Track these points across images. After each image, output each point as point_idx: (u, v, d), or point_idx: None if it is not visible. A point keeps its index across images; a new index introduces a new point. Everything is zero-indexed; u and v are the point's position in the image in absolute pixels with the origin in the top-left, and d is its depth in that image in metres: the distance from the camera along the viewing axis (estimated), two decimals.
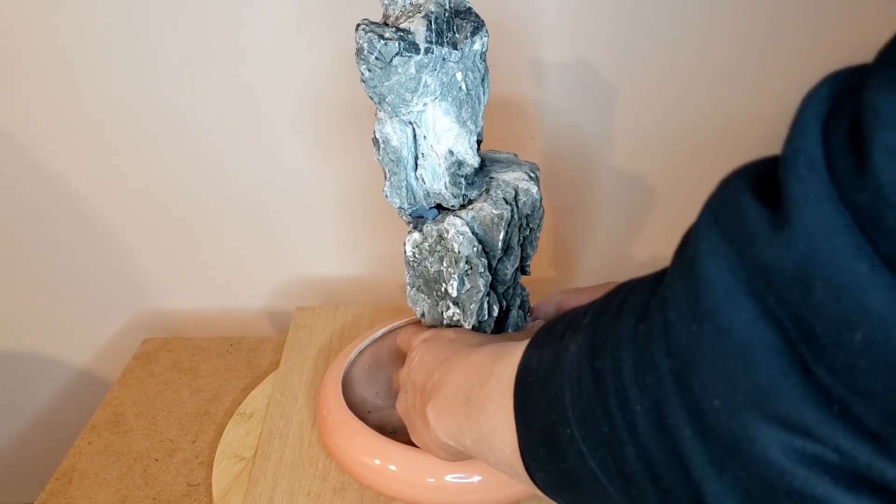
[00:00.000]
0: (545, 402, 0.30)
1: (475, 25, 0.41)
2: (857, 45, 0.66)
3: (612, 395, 0.26)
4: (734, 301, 0.22)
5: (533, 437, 0.32)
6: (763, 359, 0.21)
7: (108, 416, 0.65)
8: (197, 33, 0.66)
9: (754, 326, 0.21)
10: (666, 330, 0.24)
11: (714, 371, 0.22)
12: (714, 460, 0.23)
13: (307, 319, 0.72)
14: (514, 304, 0.50)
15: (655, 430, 0.25)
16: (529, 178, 0.47)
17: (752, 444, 0.22)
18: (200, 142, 0.72)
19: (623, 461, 0.26)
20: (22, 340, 0.86)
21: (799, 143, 0.20)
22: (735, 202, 0.22)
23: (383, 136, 0.43)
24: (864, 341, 0.18)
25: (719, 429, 0.23)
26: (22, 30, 0.66)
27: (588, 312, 0.31)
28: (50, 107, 0.70)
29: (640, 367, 0.25)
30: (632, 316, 0.27)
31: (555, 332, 0.33)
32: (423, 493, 0.48)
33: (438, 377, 0.40)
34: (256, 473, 0.53)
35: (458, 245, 0.44)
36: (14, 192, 0.75)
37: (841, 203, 0.19)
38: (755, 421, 0.21)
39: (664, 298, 0.25)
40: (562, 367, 0.30)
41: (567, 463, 0.29)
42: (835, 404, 0.20)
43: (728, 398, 0.22)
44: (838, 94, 0.21)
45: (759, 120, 0.71)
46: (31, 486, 0.90)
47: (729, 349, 0.22)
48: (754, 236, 0.21)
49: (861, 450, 0.20)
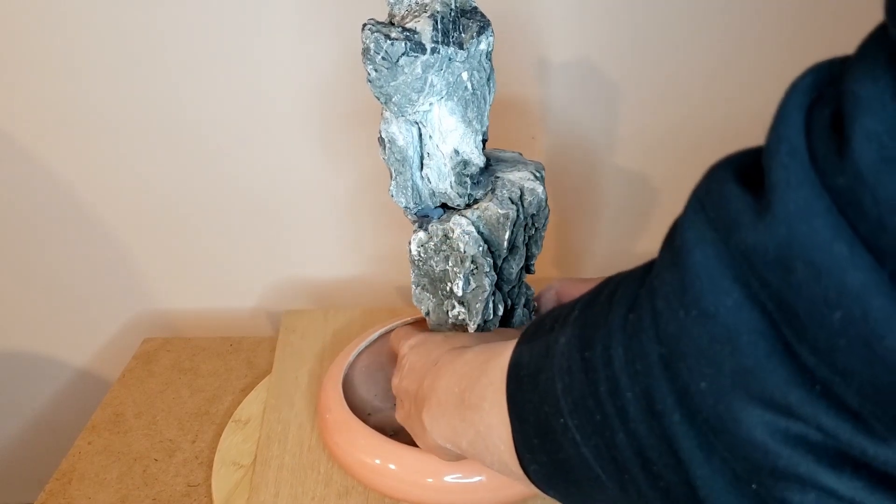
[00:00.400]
0: (537, 395, 0.31)
1: (481, 25, 0.41)
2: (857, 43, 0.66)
3: (603, 384, 0.27)
4: (720, 287, 0.22)
5: (527, 429, 0.32)
6: (748, 342, 0.22)
7: (108, 416, 0.65)
8: (197, 32, 0.66)
9: (740, 311, 0.22)
10: (655, 318, 0.25)
11: (701, 356, 0.23)
12: (702, 444, 0.24)
13: (297, 322, 0.71)
14: (518, 304, 0.50)
15: (645, 416, 0.25)
16: (535, 178, 0.47)
17: (737, 425, 0.22)
18: (201, 142, 0.72)
19: (615, 448, 0.27)
20: (22, 340, 0.86)
21: (782, 131, 0.21)
22: (720, 190, 0.23)
23: (389, 136, 0.43)
24: (843, 320, 0.19)
25: (706, 412, 0.23)
26: (22, 29, 0.65)
27: (576, 306, 0.31)
28: (50, 106, 0.70)
29: (630, 356, 0.26)
30: (622, 306, 0.27)
31: (543, 327, 0.33)
32: (425, 493, 0.48)
33: (429, 382, 0.40)
34: (257, 480, 0.53)
35: (463, 244, 0.44)
36: (14, 191, 0.75)
37: (822, 187, 0.19)
38: (740, 402, 0.22)
39: (653, 288, 0.25)
40: (552, 359, 0.30)
41: (562, 453, 0.30)
42: (817, 384, 0.21)
43: (714, 381, 0.23)
44: (821, 84, 0.21)
45: (762, 118, 0.71)
46: (31, 486, 0.89)
47: (715, 334, 0.22)
48: (738, 222, 0.21)
49: (842, 428, 0.20)
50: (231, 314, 0.85)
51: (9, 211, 0.76)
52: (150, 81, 0.69)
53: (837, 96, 0.20)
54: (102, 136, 0.72)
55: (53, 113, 0.70)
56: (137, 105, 0.70)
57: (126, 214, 0.77)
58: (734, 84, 0.69)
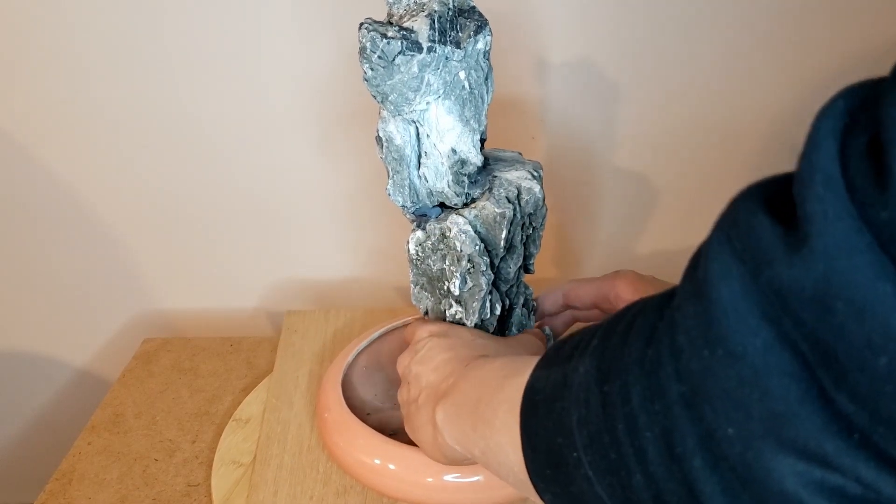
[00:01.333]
0: (552, 424, 0.30)
1: (479, 24, 0.41)
2: (858, 43, 0.66)
3: (621, 421, 0.26)
4: (748, 325, 0.21)
5: (539, 458, 0.31)
6: (779, 385, 0.20)
7: (107, 416, 0.65)
8: (197, 32, 0.66)
9: (770, 351, 0.20)
10: (675, 354, 0.24)
11: (727, 398, 0.22)
12: (726, 490, 0.22)
13: (298, 323, 0.72)
14: (517, 303, 0.50)
15: (665, 458, 0.24)
16: (532, 177, 0.47)
17: (767, 474, 0.21)
18: (201, 142, 0.72)
19: (631, 489, 0.25)
20: (22, 340, 0.86)
21: (815, 160, 0.20)
22: (748, 221, 0.22)
23: (386, 135, 0.43)
24: (890, 365, 0.18)
25: (732, 458, 0.22)
26: (23, 28, 0.66)
27: (596, 334, 0.30)
28: (50, 106, 0.70)
29: (648, 393, 0.25)
30: (639, 339, 0.26)
31: (563, 353, 0.32)
32: (424, 492, 0.48)
33: (454, 381, 0.40)
34: (257, 479, 0.53)
35: (460, 243, 0.44)
36: (14, 191, 0.75)
37: (861, 221, 0.18)
38: (771, 450, 0.21)
39: (673, 321, 0.24)
40: (569, 389, 0.29)
41: (574, 486, 0.29)
42: (856, 433, 0.19)
43: (742, 426, 0.21)
44: (854, 109, 0.20)
45: (761, 119, 0.71)
46: (31, 486, 0.89)
47: (743, 375, 0.21)
48: (770, 257, 0.20)
49: (886, 481, 0.19)
50: (231, 314, 0.85)
51: (9, 211, 0.76)
52: (150, 82, 0.69)
53: (874, 122, 0.19)
54: (102, 136, 0.72)
55: (53, 113, 0.70)
56: (137, 106, 0.70)
57: (126, 214, 0.77)
58: (734, 84, 0.69)
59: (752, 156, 0.73)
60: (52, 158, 0.73)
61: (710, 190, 0.74)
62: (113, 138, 0.72)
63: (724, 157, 0.73)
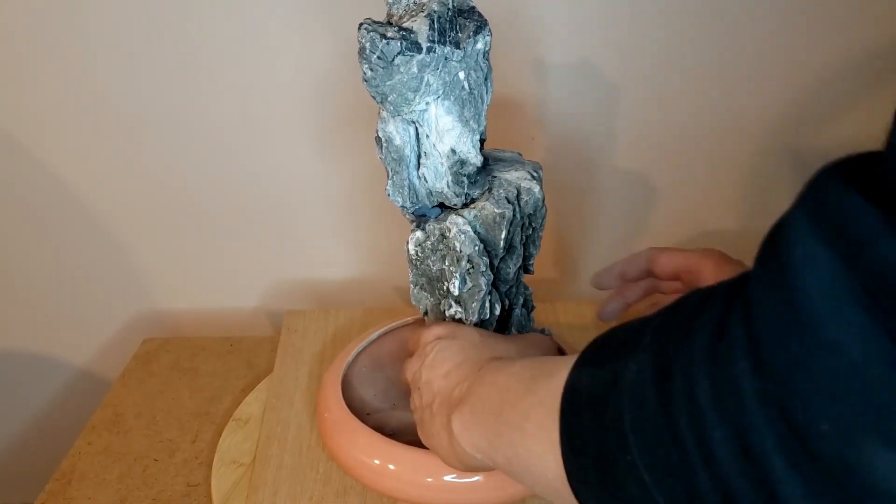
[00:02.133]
0: (599, 426, 0.28)
1: (478, 24, 0.41)
2: (858, 43, 0.66)
3: (685, 420, 0.24)
4: (841, 312, 0.19)
5: (582, 462, 0.29)
6: (882, 375, 0.19)
7: (107, 416, 0.65)
8: (197, 33, 0.66)
9: (868, 339, 0.19)
10: (753, 348, 0.22)
11: (820, 392, 0.20)
12: (808, 491, 0.21)
13: (298, 323, 0.72)
14: (517, 303, 0.50)
15: (738, 458, 0.23)
16: (532, 178, 0.47)
17: (869, 472, 0.19)
18: (201, 142, 0.72)
19: (695, 492, 0.24)
20: (22, 340, 0.86)
21: None
22: (838, 203, 0.20)
23: (386, 135, 0.43)
24: None
25: (828, 457, 0.20)
26: (23, 28, 0.66)
27: (647, 329, 0.29)
28: (50, 106, 0.70)
29: (720, 390, 0.23)
30: (705, 332, 0.25)
31: (606, 350, 0.31)
32: (424, 492, 0.48)
33: (468, 386, 0.39)
34: (256, 479, 0.53)
35: (459, 244, 0.44)
36: (14, 191, 0.75)
37: None
38: (874, 446, 0.19)
39: (749, 313, 0.23)
40: (621, 388, 0.28)
41: (624, 492, 0.27)
42: None
43: (839, 422, 0.20)
44: None
45: (761, 119, 0.71)
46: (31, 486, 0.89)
47: (839, 367, 0.20)
48: (867, 239, 0.19)
49: None
50: (231, 314, 0.85)
51: (9, 210, 0.76)
52: (150, 82, 0.69)
53: None
54: (102, 136, 0.72)
55: (54, 113, 0.70)
56: (137, 106, 0.70)
57: (126, 214, 0.77)
58: (733, 84, 0.69)
59: (752, 156, 0.73)
60: (51, 159, 0.73)
61: (709, 190, 0.75)
62: (113, 138, 0.72)
63: (723, 158, 0.73)
